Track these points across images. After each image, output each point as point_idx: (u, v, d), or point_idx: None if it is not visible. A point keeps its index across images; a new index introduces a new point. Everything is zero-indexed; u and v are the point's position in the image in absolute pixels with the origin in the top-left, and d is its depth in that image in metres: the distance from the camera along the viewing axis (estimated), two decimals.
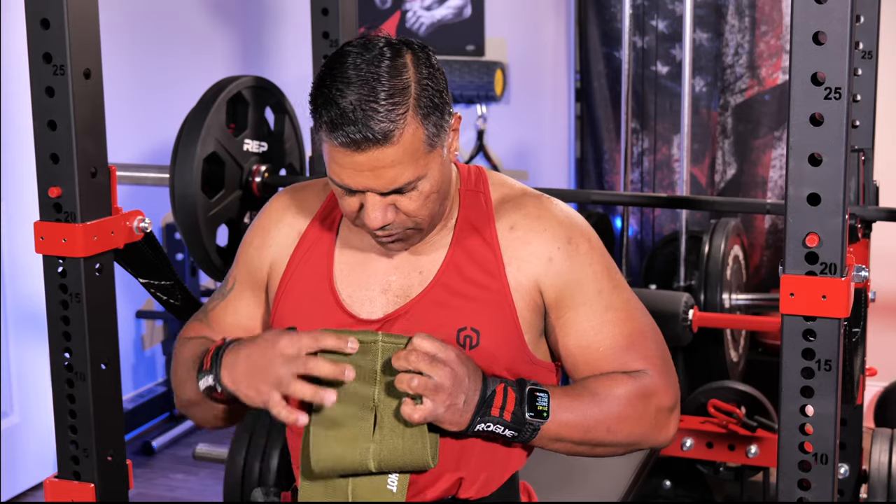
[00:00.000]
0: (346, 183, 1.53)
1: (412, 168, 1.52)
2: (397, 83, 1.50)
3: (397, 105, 1.49)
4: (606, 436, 1.62)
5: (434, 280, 1.65)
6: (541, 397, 1.57)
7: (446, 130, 1.57)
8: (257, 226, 1.78)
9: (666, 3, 4.00)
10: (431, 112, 1.53)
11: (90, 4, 1.94)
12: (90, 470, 2.01)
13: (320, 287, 1.68)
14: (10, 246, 3.42)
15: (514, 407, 1.56)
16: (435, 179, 1.57)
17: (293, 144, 2.92)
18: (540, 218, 1.66)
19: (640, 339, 1.67)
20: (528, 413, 1.56)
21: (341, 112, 1.48)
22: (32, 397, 3.51)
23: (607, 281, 1.66)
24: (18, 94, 3.22)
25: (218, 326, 1.78)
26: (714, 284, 3.25)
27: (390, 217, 1.56)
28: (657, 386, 1.64)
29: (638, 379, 1.63)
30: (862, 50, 2.49)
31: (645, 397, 1.63)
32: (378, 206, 1.55)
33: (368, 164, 1.50)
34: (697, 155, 4.02)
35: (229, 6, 4.35)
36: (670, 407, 1.65)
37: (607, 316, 1.66)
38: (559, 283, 1.64)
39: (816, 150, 1.55)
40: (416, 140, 1.51)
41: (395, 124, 1.49)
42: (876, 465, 2.60)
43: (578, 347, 1.66)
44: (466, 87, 4.24)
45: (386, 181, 1.52)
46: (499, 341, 1.62)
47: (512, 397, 1.56)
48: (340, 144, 1.50)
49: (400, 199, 1.55)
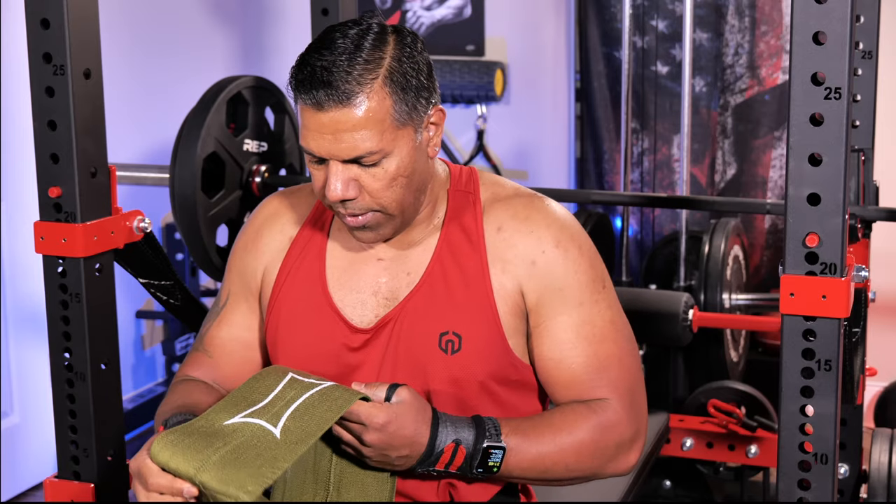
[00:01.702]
0: (310, 147, 1.54)
1: (375, 138, 1.51)
2: (374, 54, 1.51)
3: (368, 71, 1.50)
4: (564, 473, 1.61)
5: (420, 282, 1.63)
6: (494, 454, 1.56)
7: (422, 116, 1.56)
8: (248, 232, 1.76)
9: (666, 3, 4.00)
10: (405, 88, 1.53)
11: (90, 4, 1.94)
12: (90, 470, 2.01)
13: (314, 291, 1.67)
14: (10, 246, 3.42)
15: (461, 463, 1.55)
16: (403, 162, 1.55)
17: (293, 144, 2.92)
18: (528, 219, 1.64)
19: (612, 365, 1.64)
20: (478, 469, 1.56)
21: (311, 71, 1.50)
22: (32, 397, 3.50)
23: (591, 293, 1.63)
24: (18, 94, 3.22)
25: (215, 349, 1.76)
26: (714, 284, 3.25)
27: (352, 192, 1.54)
28: (619, 419, 1.62)
29: (599, 413, 1.62)
30: (862, 50, 2.49)
31: (605, 432, 1.61)
32: (339, 175, 1.53)
33: (331, 126, 1.50)
34: (697, 155, 4.02)
35: (229, 6, 4.35)
36: (630, 439, 1.64)
37: (584, 331, 1.63)
38: (540, 288, 1.61)
39: (816, 150, 1.55)
40: (381, 111, 1.51)
41: (361, 87, 1.49)
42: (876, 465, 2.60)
43: (552, 360, 1.63)
44: (466, 87, 4.24)
45: (346, 146, 1.51)
46: (480, 346, 1.61)
47: (462, 455, 1.55)
48: (306, 103, 1.51)
49: (363, 174, 1.54)
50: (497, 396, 1.64)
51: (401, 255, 1.66)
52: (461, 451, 1.55)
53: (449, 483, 1.65)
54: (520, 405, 1.66)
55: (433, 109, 1.58)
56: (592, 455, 1.61)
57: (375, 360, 1.63)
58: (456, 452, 1.54)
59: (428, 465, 1.55)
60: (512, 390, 1.65)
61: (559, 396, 1.66)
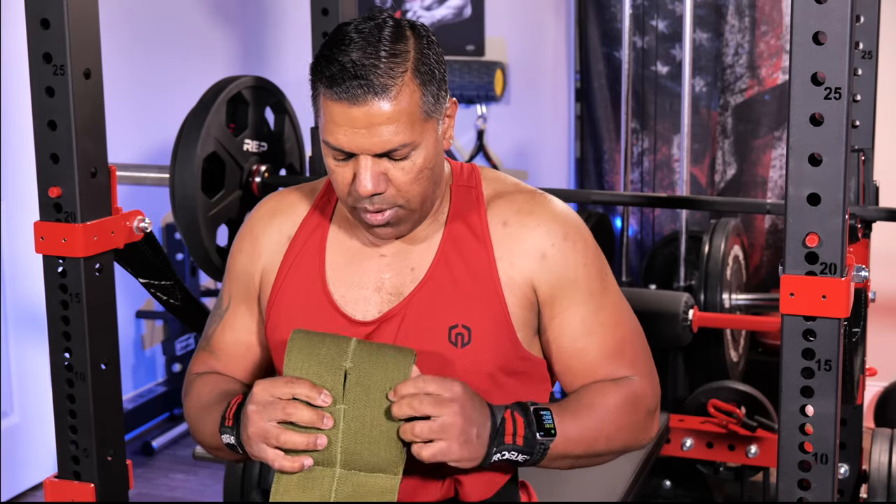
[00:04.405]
0: (340, 143, 1.52)
1: (407, 130, 1.51)
2: (398, 46, 1.51)
3: (397, 64, 1.50)
4: (605, 446, 1.62)
5: (426, 277, 1.63)
6: (545, 416, 1.56)
7: (442, 107, 1.57)
8: (245, 234, 1.76)
9: (666, 3, 4.00)
10: (430, 80, 1.54)
11: (90, 4, 1.94)
12: (90, 470, 2.01)
13: (313, 289, 1.67)
14: (10, 246, 3.42)
15: (524, 430, 1.54)
16: (429, 153, 1.55)
17: (293, 144, 2.92)
18: (533, 213, 1.64)
19: (628, 346, 1.67)
20: (539, 433, 1.54)
21: (342, 67, 1.49)
22: (32, 397, 3.51)
23: (599, 282, 1.66)
24: (18, 94, 3.22)
25: (221, 351, 1.76)
26: (714, 284, 3.25)
27: (382, 186, 1.54)
28: (644, 390, 1.65)
29: (626, 386, 1.64)
30: (862, 50, 2.49)
31: (635, 404, 1.64)
32: (371, 169, 1.52)
33: (364, 120, 1.49)
34: (697, 155, 4.02)
35: (229, 6, 4.35)
36: (655, 408, 1.68)
37: (599, 318, 1.65)
38: (553, 280, 1.63)
39: (816, 150, 1.55)
40: (412, 103, 1.51)
41: (394, 80, 1.49)
42: (876, 465, 2.60)
43: (572, 350, 1.65)
44: (466, 87, 4.24)
45: (381, 140, 1.50)
46: (490, 338, 1.61)
47: (521, 421, 1.54)
48: (339, 99, 1.49)
49: (392, 168, 1.53)
50: (506, 389, 1.64)
51: (404, 251, 1.66)
52: (518, 418, 1.54)
53: (454, 479, 1.64)
54: (529, 396, 1.67)
55: (449, 101, 1.59)
56: (628, 427, 1.63)
57: None
58: (515, 420, 1.54)
59: (498, 441, 1.52)
60: (521, 382, 1.66)
61: (581, 384, 1.67)
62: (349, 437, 1.51)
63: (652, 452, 2.48)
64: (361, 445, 1.51)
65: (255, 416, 1.49)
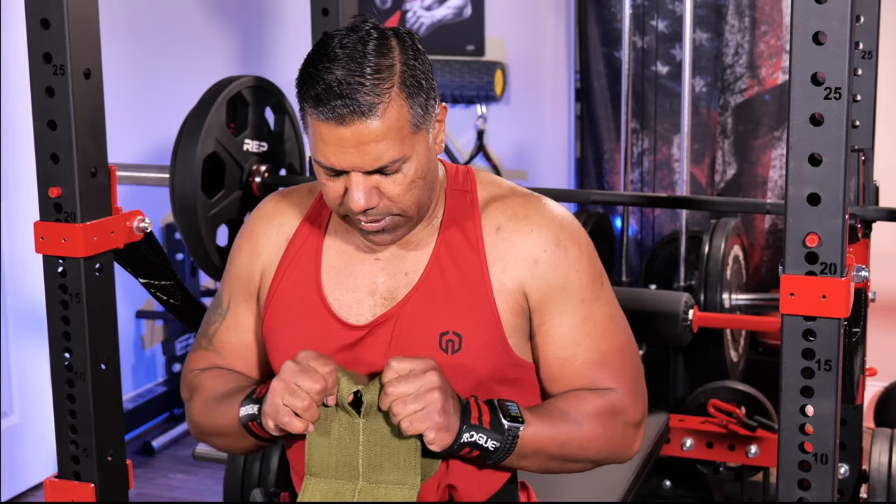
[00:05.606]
0: (330, 162, 1.52)
1: (397, 146, 1.51)
2: (383, 61, 1.50)
3: (382, 80, 1.49)
4: (579, 451, 1.62)
5: (419, 282, 1.63)
6: (511, 406, 1.57)
7: (432, 115, 1.56)
8: (246, 234, 1.76)
9: (666, 3, 4.00)
10: (417, 93, 1.52)
11: (90, 4, 1.94)
12: (90, 470, 2.01)
13: (308, 291, 1.67)
14: (10, 246, 3.42)
15: (489, 416, 1.55)
16: (420, 164, 1.55)
17: (293, 144, 2.92)
18: (527, 218, 1.64)
19: (615, 358, 1.66)
20: (505, 419, 1.55)
21: (327, 86, 1.48)
22: (32, 397, 3.51)
23: (591, 291, 1.65)
24: (18, 94, 3.22)
25: (224, 349, 1.77)
26: (714, 284, 3.25)
27: (374, 200, 1.54)
28: (624, 404, 1.65)
29: (605, 396, 1.64)
30: (862, 50, 2.49)
31: (612, 415, 1.63)
32: (362, 186, 1.52)
33: (353, 140, 1.49)
34: (697, 155, 4.02)
35: (229, 6, 4.35)
36: (636, 424, 1.67)
37: (587, 328, 1.64)
38: (544, 287, 1.62)
39: (816, 150, 1.55)
40: (401, 118, 1.50)
41: (381, 98, 1.48)
42: (876, 465, 2.60)
43: (556, 358, 1.65)
44: (466, 87, 4.24)
45: (370, 158, 1.50)
46: (481, 345, 1.61)
47: (485, 408, 1.56)
48: (326, 119, 1.48)
49: (384, 181, 1.53)
50: (496, 396, 1.64)
51: (399, 255, 1.65)
52: (483, 405, 1.56)
53: (449, 484, 1.65)
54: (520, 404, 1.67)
55: (438, 107, 1.59)
56: (604, 437, 1.62)
57: (374, 359, 1.63)
58: (480, 407, 1.56)
59: (465, 419, 1.53)
60: (511, 389, 1.66)
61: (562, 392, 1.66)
62: (369, 450, 1.55)
63: (652, 452, 2.49)
64: (382, 457, 1.55)
65: (273, 392, 1.54)
